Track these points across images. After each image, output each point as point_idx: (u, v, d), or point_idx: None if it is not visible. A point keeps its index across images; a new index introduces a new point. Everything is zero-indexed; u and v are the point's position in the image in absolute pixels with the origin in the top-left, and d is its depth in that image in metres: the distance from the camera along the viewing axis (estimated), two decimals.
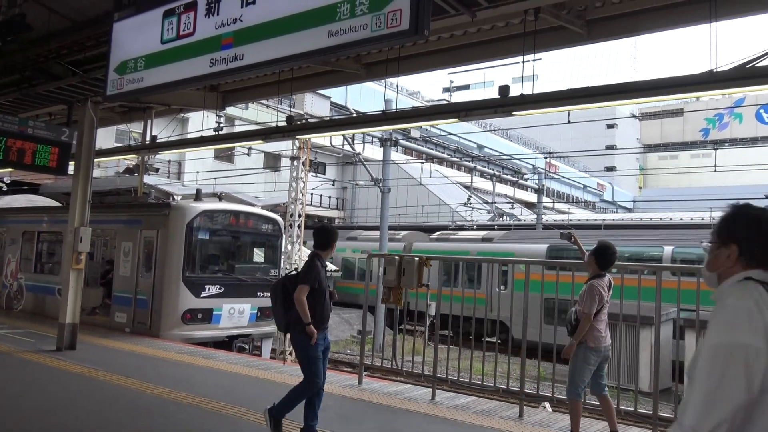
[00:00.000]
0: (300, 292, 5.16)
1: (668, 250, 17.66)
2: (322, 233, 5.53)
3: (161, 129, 13.83)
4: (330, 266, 25.61)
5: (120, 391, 7.06)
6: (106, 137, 21.40)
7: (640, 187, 70.00)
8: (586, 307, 5.48)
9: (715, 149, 25.15)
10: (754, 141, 59.30)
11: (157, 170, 23.10)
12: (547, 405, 8.54)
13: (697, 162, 56.77)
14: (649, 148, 68.67)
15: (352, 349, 20.04)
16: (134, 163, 19.99)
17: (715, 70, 5.33)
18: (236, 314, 12.12)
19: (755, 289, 1.75)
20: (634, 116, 67.44)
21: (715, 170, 23.46)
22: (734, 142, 59.93)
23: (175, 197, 17.04)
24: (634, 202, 61.93)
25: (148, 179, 18.38)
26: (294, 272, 5.52)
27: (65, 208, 12.67)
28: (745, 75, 5.23)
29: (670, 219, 29.09)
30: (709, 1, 5.50)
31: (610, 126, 63.04)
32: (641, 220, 30.69)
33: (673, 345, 8.18)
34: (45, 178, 23.59)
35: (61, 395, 6.94)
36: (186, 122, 25.27)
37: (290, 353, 16.97)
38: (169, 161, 29.42)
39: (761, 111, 57.68)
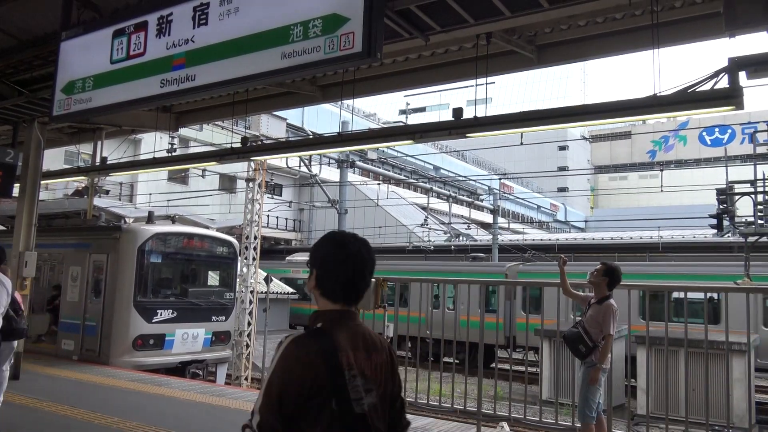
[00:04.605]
0: None
1: None
2: None
3: (112, 150, 13.52)
4: (287, 288, 25.33)
5: (66, 422, 6.77)
6: (54, 158, 20.79)
7: (592, 207, 71.77)
8: (609, 328, 5.43)
9: (662, 170, 26.01)
10: (698, 162, 61.55)
11: (107, 192, 22.52)
12: (505, 424, 8.55)
13: (645, 183, 58.61)
14: (600, 169, 70.60)
15: None
16: (84, 185, 19.46)
17: (658, 95, 5.52)
18: (190, 339, 11.83)
19: None
20: (584, 138, 69.30)
21: (662, 190, 24.26)
22: (679, 164, 62.06)
23: (127, 220, 16.64)
24: (586, 221, 63.44)
25: (99, 201, 17.90)
26: None
27: (10, 231, 12.22)
28: (686, 99, 5.43)
29: (621, 238, 29.89)
30: (651, 29, 5.73)
31: (562, 148, 64.59)
32: (593, 239, 31.44)
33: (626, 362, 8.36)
34: None
35: (3, 428, 6.62)
36: (139, 143, 24.81)
37: (246, 378, 16.64)
38: (120, 183, 28.76)
39: (704, 134, 60.03)
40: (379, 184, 34.06)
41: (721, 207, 18.39)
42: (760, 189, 18.02)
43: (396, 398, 2.02)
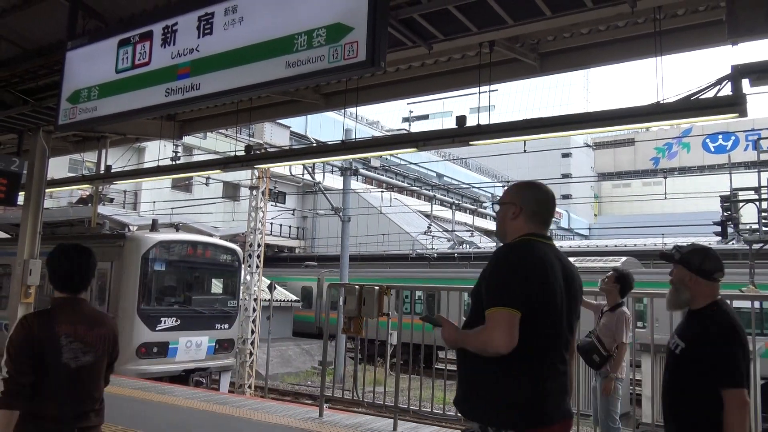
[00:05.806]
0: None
1: None
2: None
3: (117, 158, 13.58)
4: (291, 296, 25.33)
5: None
6: (58, 167, 20.86)
7: (596, 215, 71.63)
8: (623, 336, 5.35)
9: (665, 177, 25.99)
10: (701, 169, 61.48)
11: (111, 200, 22.59)
12: None
13: (648, 190, 58.50)
14: (603, 176, 70.55)
15: (313, 381, 19.74)
16: (88, 194, 19.52)
17: (662, 102, 5.53)
18: (193, 347, 11.83)
19: None
20: (588, 146, 69.27)
21: (666, 198, 24.22)
22: (683, 171, 62.04)
23: (131, 228, 16.68)
24: (589, 229, 63.27)
25: (103, 209, 17.96)
26: None
27: (14, 239, 12.27)
28: (689, 106, 5.43)
29: (624, 245, 29.81)
30: (654, 37, 5.74)
31: (565, 155, 64.58)
32: (597, 246, 31.36)
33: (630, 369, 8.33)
34: None
35: None
36: (142, 151, 24.88)
37: (249, 386, 16.62)
38: (124, 191, 28.83)
39: (707, 140, 59.97)
40: (382, 191, 34.06)
41: (725, 214, 18.34)
42: (764, 196, 17.97)
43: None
